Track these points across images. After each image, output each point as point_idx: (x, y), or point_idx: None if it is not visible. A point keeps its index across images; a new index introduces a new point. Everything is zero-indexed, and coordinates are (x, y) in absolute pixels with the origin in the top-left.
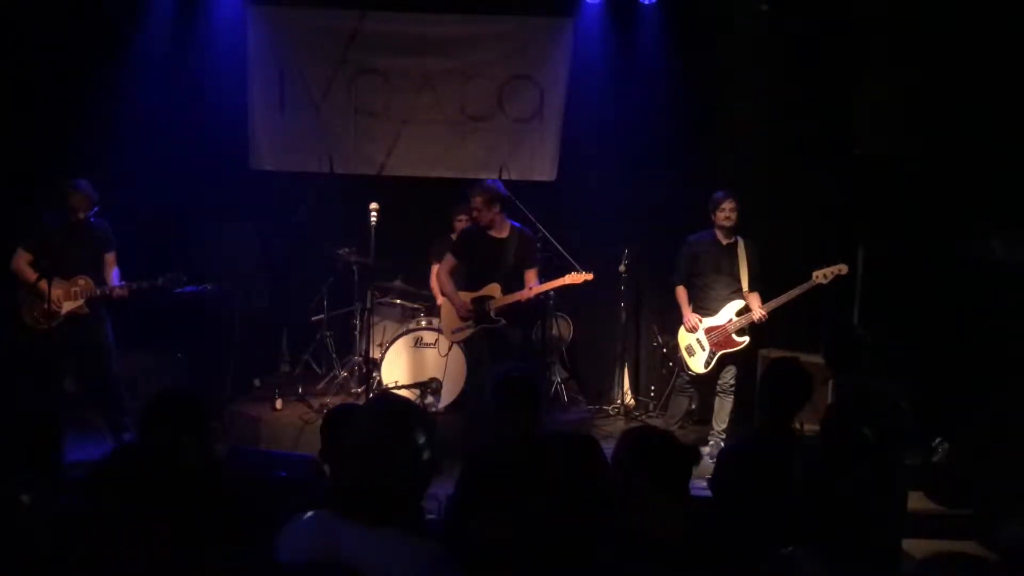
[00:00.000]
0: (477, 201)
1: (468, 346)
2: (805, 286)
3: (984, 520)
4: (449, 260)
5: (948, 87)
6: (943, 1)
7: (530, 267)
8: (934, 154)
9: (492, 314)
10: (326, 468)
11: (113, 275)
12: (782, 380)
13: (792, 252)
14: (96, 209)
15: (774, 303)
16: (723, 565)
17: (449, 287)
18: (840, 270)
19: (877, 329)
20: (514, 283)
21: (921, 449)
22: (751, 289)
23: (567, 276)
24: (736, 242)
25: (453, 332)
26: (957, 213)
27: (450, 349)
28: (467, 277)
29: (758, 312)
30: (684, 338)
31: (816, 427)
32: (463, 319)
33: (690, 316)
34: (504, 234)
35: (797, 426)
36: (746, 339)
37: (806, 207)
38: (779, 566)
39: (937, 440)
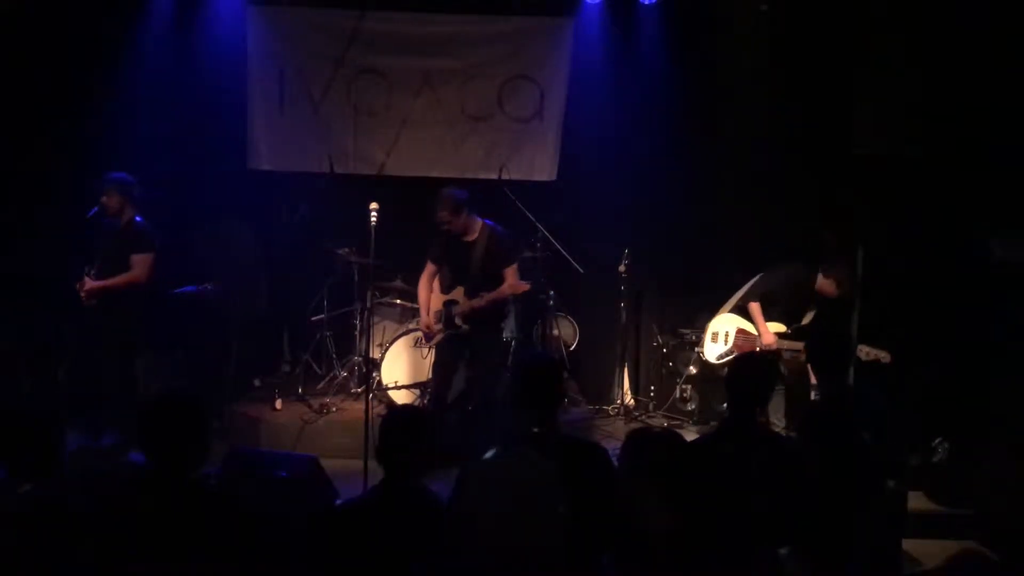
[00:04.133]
0: (444, 215)
1: (439, 350)
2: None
3: (984, 520)
4: (428, 266)
5: (948, 87)
6: (943, 1)
7: (505, 266)
8: (934, 154)
9: (457, 320)
10: None
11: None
12: (742, 373)
13: (792, 252)
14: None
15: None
16: (715, 564)
17: (423, 294)
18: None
19: (876, 329)
20: (484, 285)
21: (921, 449)
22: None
23: (505, 286)
24: None
25: (428, 338)
26: (957, 213)
27: None
28: (446, 281)
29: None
30: (716, 324)
31: None
32: (435, 324)
33: (768, 332)
34: (474, 236)
35: (765, 420)
36: None
37: (806, 207)
38: (770, 567)
39: (937, 440)
